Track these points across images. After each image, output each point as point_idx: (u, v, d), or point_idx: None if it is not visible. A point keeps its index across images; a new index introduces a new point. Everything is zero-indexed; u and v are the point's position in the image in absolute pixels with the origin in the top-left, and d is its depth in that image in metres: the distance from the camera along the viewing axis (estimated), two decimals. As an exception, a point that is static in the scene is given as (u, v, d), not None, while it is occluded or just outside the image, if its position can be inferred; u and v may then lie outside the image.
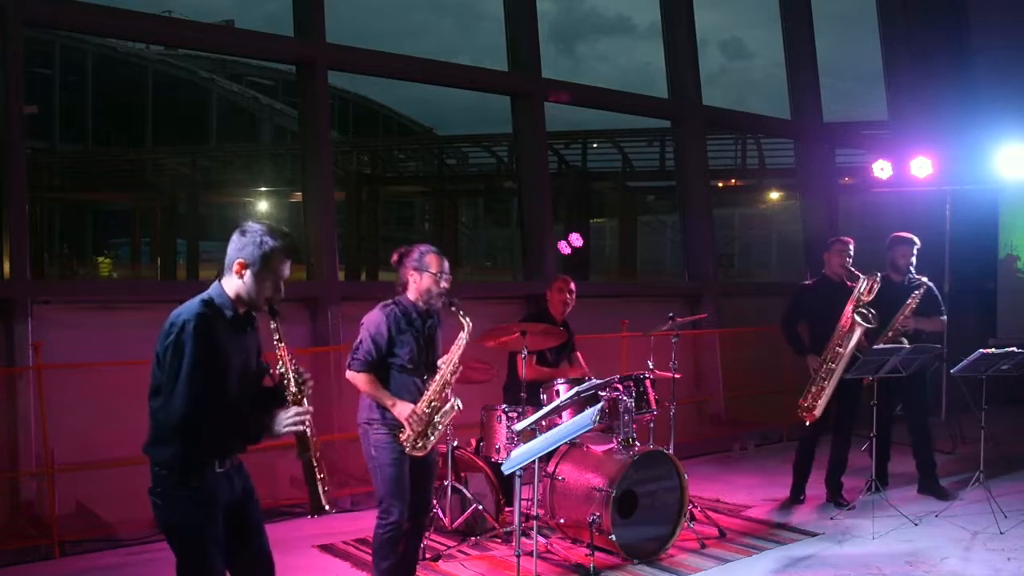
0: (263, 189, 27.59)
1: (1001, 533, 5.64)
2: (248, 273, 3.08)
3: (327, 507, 3.21)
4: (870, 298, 6.07)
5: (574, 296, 6.04)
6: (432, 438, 4.22)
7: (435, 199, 28.80)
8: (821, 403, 6.14)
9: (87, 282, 16.97)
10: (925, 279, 6.43)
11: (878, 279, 6.09)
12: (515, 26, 8.26)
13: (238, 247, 3.10)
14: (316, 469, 3.17)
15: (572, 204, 22.05)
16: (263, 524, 3.32)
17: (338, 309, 6.81)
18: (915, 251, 6.50)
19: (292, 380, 3.13)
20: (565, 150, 22.44)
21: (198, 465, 3.03)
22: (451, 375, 4.29)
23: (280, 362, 3.13)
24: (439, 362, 4.32)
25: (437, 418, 4.23)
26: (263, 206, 28.09)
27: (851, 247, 6.37)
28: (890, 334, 6.31)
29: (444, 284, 4.28)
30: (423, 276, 4.26)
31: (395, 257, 4.39)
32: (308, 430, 3.11)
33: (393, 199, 32.77)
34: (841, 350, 6.08)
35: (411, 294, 4.31)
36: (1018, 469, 7.31)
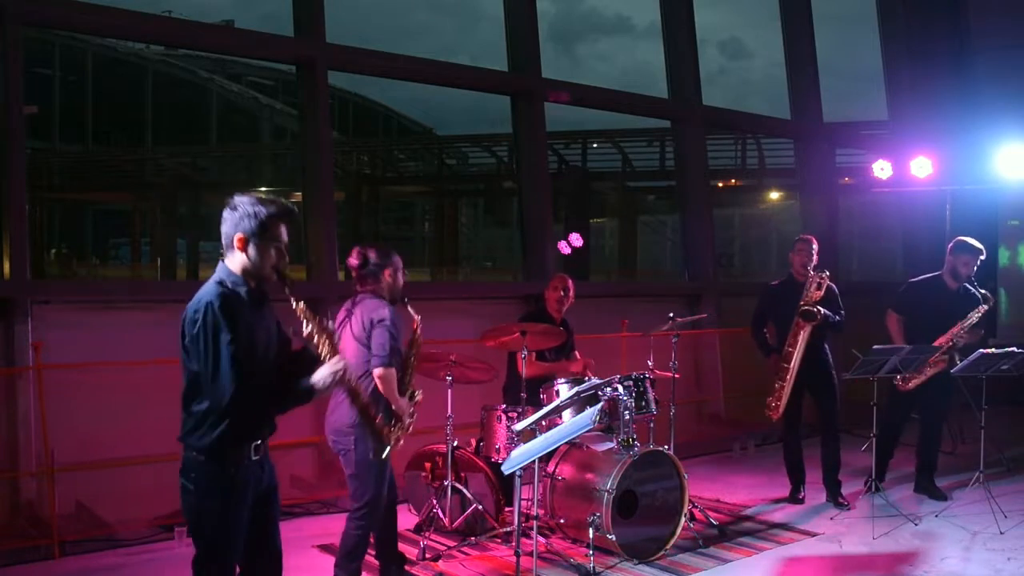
0: (263, 189, 27.52)
1: (1001, 533, 5.64)
2: (250, 246, 3.07)
3: (390, 446, 3.58)
4: (820, 294, 6.07)
5: (571, 294, 6.03)
6: (408, 430, 4.34)
7: (435, 199, 28.83)
8: (782, 402, 6.18)
9: (87, 282, 16.95)
10: (988, 295, 6.26)
11: (826, 276, 6.09)
12: (515, 26, 8.26)
13: (233, 222, 3.08)
14: (370, 411, 3.32)
15: (572, 204, 22.04)
16: (279, 521, 3.32)
17: (338, 309, 6.79)
18: (979, 261, 6.27)
19: (321, 335, 3.13)
20: (565, 150, 22.46)
21: (235, 452, 3.03)
22: (414, 365, 4.50)
23: (305, 321, 3.13)
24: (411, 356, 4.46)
25: (412, 410, 4.38)
26: (262, 206, 28.05)
27: (814, 246, 6.35)
28: (948, 345, 6.18)
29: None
30: (398, 275, 4.49)
31: (358, 260, 4.47)
32: (351, 377, 3.16)
33: (393, 199, 32.78)
34: (791, 349, 6.12)
35: (382, 293, 4.45)
36: (1018, 469, 7.32)
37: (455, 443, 5.43)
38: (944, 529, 5.78)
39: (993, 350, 5.96)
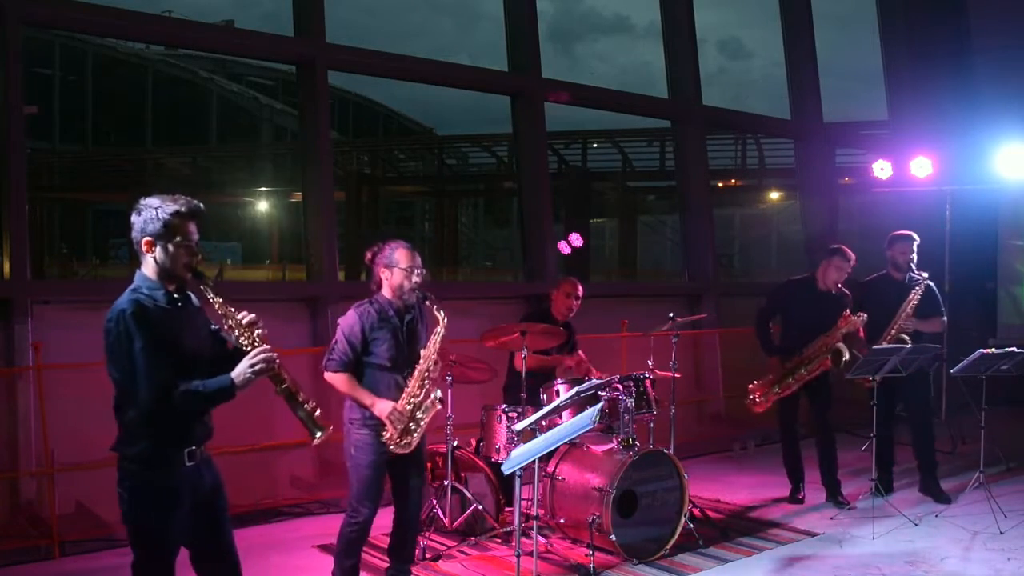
0: (263, 189, 27.59)
1: (1001, 533, 5.64)
2: (158, 248, 3.06)
3: (325, 428, 3.19)
4: (848, 331, 6.11)
5: (580, 301, 6.03)
6: (416, 434, 4.23)
7: (435, 199, 28.81)
8: (767, 405, 6.26)
9: (87, 282, 16.93)
10: (925, 275, 6.37)
11: (863, 319, 6.10)
12: (515, 26, 8.26)
13: (140, 226, 3.07)
14: (298, 396, 3.15)
15: (572, 204, 22.05)
16: (229, 520, 3.31)
17: (338, 309, 6.80)
18: (914, 247, 6.43)
19: (240, 328, 3.11)
20: (565, 150, 22.46)
21: (168, 459, 3.03)
22: (430, 369, 4.28)
23: (223, 316, 3.11)
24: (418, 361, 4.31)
25: (419, 414, 4.23)
26: (263, 206, 28.09)
27: (852, 263, 6.30)
28: (893, 331, 6.26)
29: (416, 279, 4.30)
30: (394, 272, 4.29)
31: (368, 256, 4.41)
32: (273, 365, 3.06)
33: (393, 199, 32.76)
34: (804, 371, 6.16)
35: (386, 292, 4.33)
36: (1018, 469, 7.31)
37: (455, 443, 5.43)
38: (944, 529, 5.78)
39: (993, 350, 5.96)
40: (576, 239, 9.55)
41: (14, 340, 5.66)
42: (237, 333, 3.10)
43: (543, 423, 4.67)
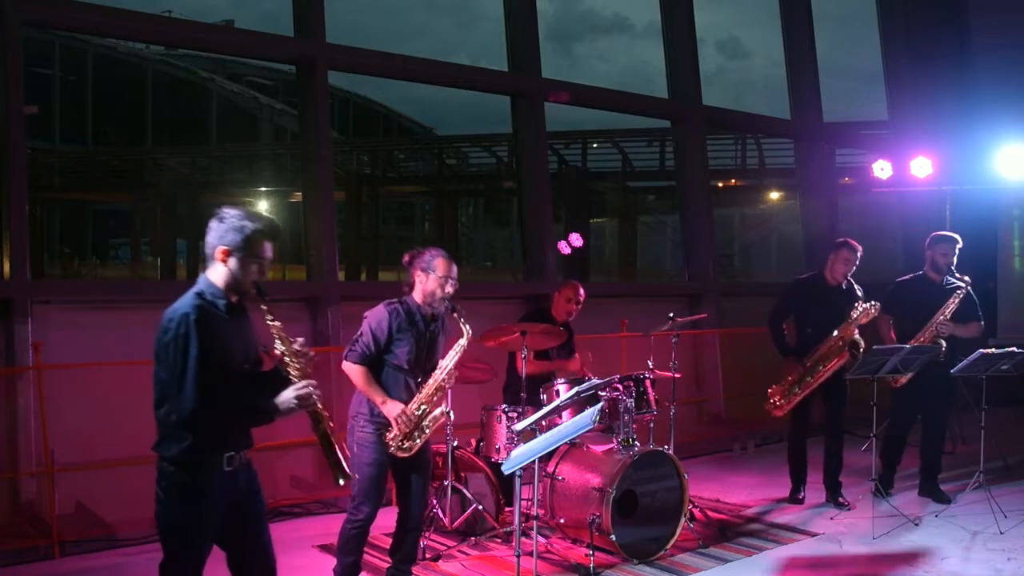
0: (263, 189, 27.59)
1: (1001, 533, 5.64)
2: (233, 259, 3.08)
3: (351, 476, 3.24)
4: (866, 322, 6.06)
5: (580, 305, 6.03)
6: (418, 441, 4.23)
7: (435, 199, 28.83)
8: (790, 405, 6.18)
9: (87, 282, 16.97)
10: (967, 279, 6.27)
11: (876, 308, 6.04)
12: (515, 26, 8.26)
13: (219, 234, 3.09)
14: (332, 439, 3.18)
15: (572, 204, 22.06)
16: (266, 523, 3.33)
17: (338, 309, 6.81)
18: (956, 249, 6.31)
19: (291, 356, 3.13)
20: (565, 150, 22.46)
21: (206, 463, 3.04)
22: (446, 380, 4.31)
23: (277, 340, 3.13)
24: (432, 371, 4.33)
25: (426, 421, 4.24)
26: (263, 206, 28.07)
27: (859, 254, 6.24)
28: (928, 334, 6.20)
29: (449, 288, 4.33)
30: (429, 278, 4.31)
31: (406, 258, 4.45)
32: (317, 402, 3.11)
33: (393, 199, 32.79)
34: (822, 366, 6.09)
35: (417, 295, 4.35)
36: (1018, 469, 7.31)
37: (455, 443, 5.43)
38: (944, 529, 5.78)
39: (993, 350, 5.95)
40: (576, 239, 9.55)
41: (14, 340, 5.65)
42: (287, 359, 3.13)
43: (543, 423, 4.68)
